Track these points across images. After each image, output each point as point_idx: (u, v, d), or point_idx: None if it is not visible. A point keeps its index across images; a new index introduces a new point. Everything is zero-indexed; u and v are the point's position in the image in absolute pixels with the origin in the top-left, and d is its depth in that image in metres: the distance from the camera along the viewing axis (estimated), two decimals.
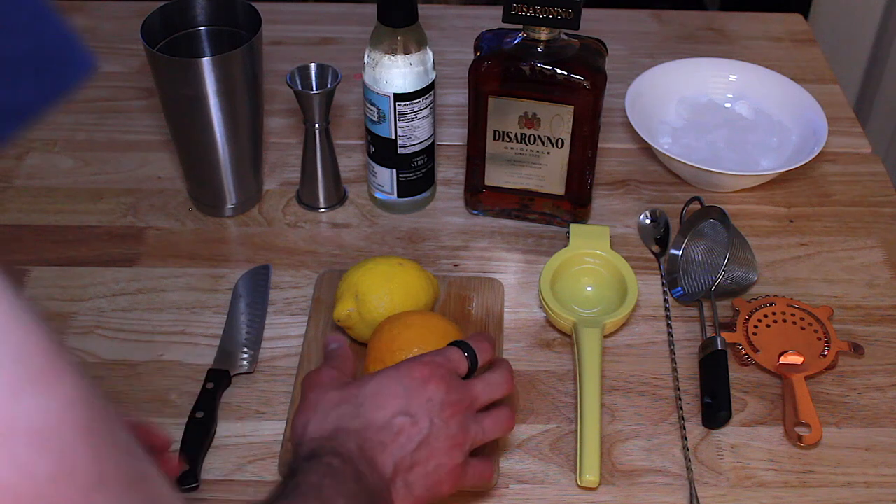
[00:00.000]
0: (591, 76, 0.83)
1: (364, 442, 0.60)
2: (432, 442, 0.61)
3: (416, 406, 0.61)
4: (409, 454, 0.60)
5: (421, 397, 0.62)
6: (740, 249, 0.86)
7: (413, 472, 0.61)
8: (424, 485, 0.61)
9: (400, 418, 0.61)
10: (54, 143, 1.03)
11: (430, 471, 0.61)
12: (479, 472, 0.65)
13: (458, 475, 0.63)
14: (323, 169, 0.92)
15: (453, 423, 0.62)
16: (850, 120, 1.08)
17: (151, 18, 0.85)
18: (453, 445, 0.62)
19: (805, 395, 0.76)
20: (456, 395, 0.63)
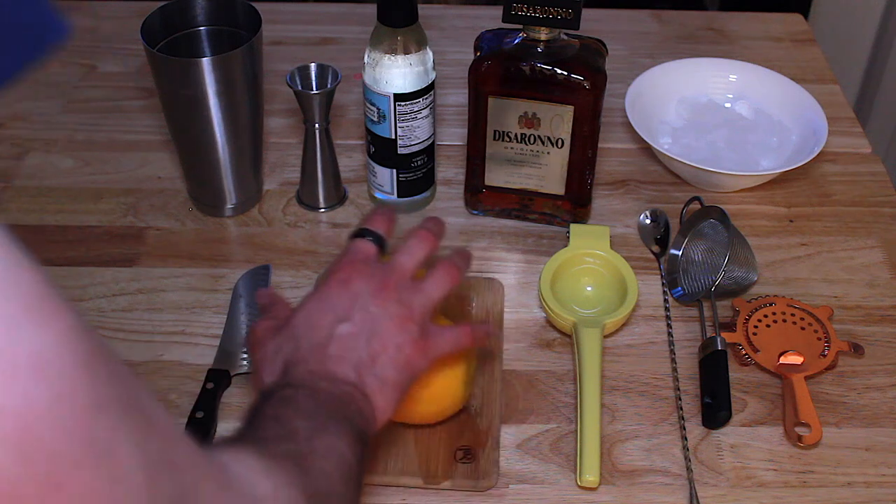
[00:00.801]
0: (591, 76, 0.83)
1: (314, 364, 0.59)
2: (379, 330, 0.60)
3: (347, 308, 0.60)
4: (364, 351, 0.59)
5: (348, 299, 0.61)
6: (740, 249, 0.86)
7: (377, 364, 0.59)
8: (395, 369, 0.60)
9: (339, 327, 0.60)
10: (54, 143, 1.03)
11: (393, 355, 0.60)
12: (453, 338, 0.64)
13: (424, 347, 0.61)
14: (323, 169, 0.92)
15: (390, 304, 0.61)
16: (850, 120, 1.08)
17: (151, 18, 0.86)
18: (402, 323, 0.61)
19: (805, 395, 0.76)
20: (379, 278, 0.62)
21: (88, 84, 1.12)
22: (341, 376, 0.58)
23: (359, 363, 0.59)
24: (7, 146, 1.03)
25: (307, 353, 0.59)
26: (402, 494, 0.71)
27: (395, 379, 0.60)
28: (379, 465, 0.72)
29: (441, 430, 0.74)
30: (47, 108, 1.08)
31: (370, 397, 0.59)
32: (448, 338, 0.63)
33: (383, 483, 0.71)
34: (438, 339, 0.63)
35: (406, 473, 0.71)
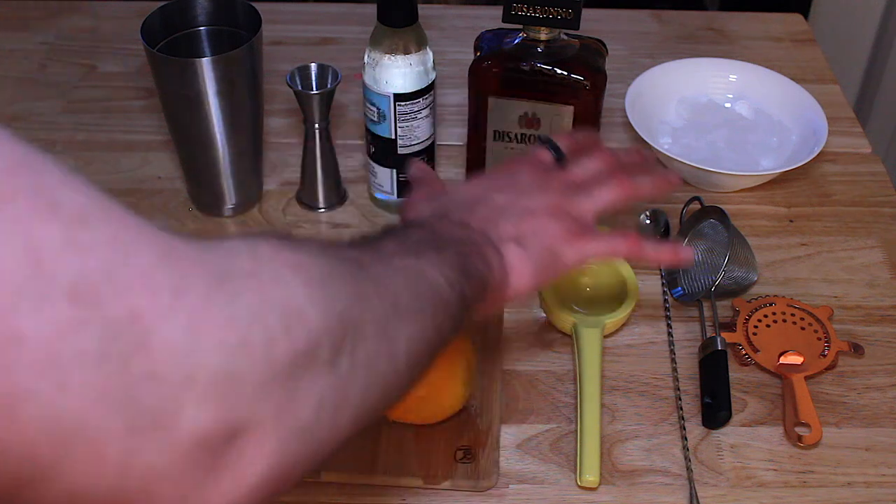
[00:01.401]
0: (591, 76, 0.83)
1: (455, 215, 0.58)
2: (533, 209, 0.59)
3: (506, 186, 0.60)
4: (511, 220, 0.58)
5: (509, 181, 0.60)
6: (740, 249, 0.86)
7: (521, 233, 0.58)
8: (539, 246, 0.58)
9: (492, 195, 0.59)
10: (54, 143, 1.03)
11: (541, 234, 0.58)
12: (610, 243, 0.62)
13: (576, 241, 0.60)
14: (323, 169, 0.92)
15: (552, 192, 0.60)
16: (850, 120, 1.08)
17: (151, 18, 0.85)
18: (556, 208, 0.60)
19: (805, 395, 0.76)
20: (545, 174, 0.61)
21: (88, 84, 1.12)
22: (473, 223, 0.57)
23: (502, 225, 0.58)
24: None
25: (453, 208, 0.58)
26: (402, 494, 0.71)
27: (538, 252, 0.58)
28: (379, 465, 0.72)
29: (441, 430, 0.74)
30: (47, 108, 1.08)
31: (504, 254, 0.57)
32: (604, 241, 0.62)
33: (383, 483, 0.71)
34: (593, 240, 0.61)
35: (406, 473, 0.71)
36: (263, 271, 0.37)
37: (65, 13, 1.23)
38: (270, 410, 0.36)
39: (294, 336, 0.37)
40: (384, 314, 0.43)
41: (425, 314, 0.48)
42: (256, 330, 0.35)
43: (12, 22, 1.21)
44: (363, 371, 0.41)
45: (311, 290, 0.38)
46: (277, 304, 0.37)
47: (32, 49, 1.17)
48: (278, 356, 0.36)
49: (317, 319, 0.38)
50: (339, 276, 0.41)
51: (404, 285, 0.47)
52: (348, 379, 0.40)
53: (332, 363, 0.39)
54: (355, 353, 0.40)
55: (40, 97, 1.09)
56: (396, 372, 0.44)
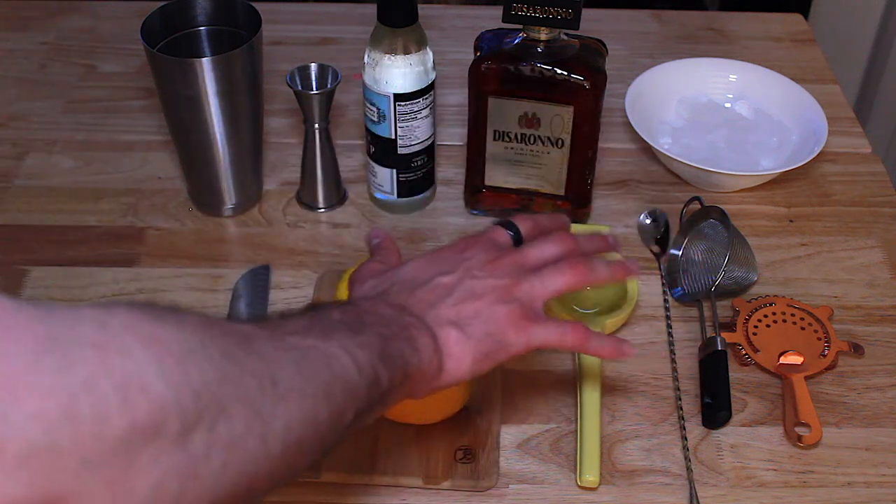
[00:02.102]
0: (591, 76, 0.83)
1: (391, 292, 0.57)
2: (478, 293, 0.57)
3: (454, 265, 0.58)
4: (452, 301, 0.56)
5: (458, 260, 0.59)
6: (740, 249, 0.86)
7: (462, 317, 0.56)
8: (481, 331, 0.56)
9: (437, 277, 0.57)
10: (54, 143, 1.03)
11: (485, 318, 0.56)
12: (559, 332, 0.59)
13: (523, 326, 0.57)
14: (323, 169, 0.92)
15: (500, 273, 0.58)
16: (850, 120, 1.08)
17: (151, 18, 0.86)
18: (502, 291, 0.57)
19: (805, 395, 0.76)
20: (497, 253, 0.59)
21: (88, 84, 1.12)
22: (409, 306, 0.55)
23: (442, 308, 0.56)
24: (7, 146, 1.03)
25: (396, 287, 0.57)
26: (402, 494, 0.71)
27: (479, 337, 0.56)
28: (379, 465, 0.72)
29: (441, 430, 0.74)
30: (47, 108, 1.08)
31: (440, 339, 0.55)
32: (553, 329, 0.59)
33: (383, 483, 0.71)
34: (540, 327, 0.58)
35: (406, 473, 0.71)
36: (109, 343, 0.36)
37: (65, 13, 1.23)
38: (100, 485, 0.34)
39: (132, 408, 0.35)
40: (258, 393, 0.41)
41: (315, 397, 0.45)
42: (86, 401, 0.34)
43: (12, 22, 1.21)
44: (223, 450, 0.39)
45: (163, 365, 0.37)
46: (117, 375, 0.35)
47: (32, 49, 1.17)
48: (111, 429, 0.34)
49: (164, 393, 0.36)
50: (205, 353, 0.39)
51: (293, 365, 0.44)
52: (202, 457, 0.38)
53: (181, 440, 0.37)
54: (215, 431, 0.38)
55: (40, 97, 1.09)
56: (269, 454, 0.42)
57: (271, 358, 0.44)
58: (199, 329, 0.40)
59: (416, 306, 0.56)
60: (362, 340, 0.50)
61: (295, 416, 0.43)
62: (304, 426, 0.44)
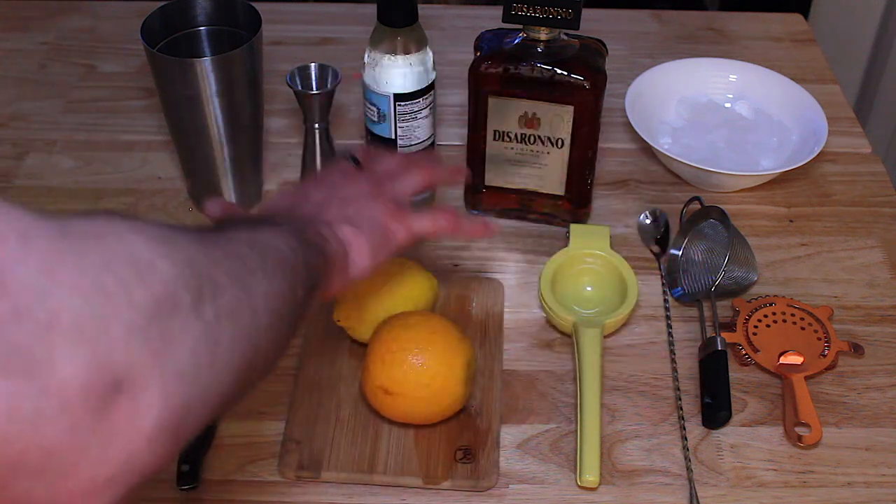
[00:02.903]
0: (591, 76, 0.83)
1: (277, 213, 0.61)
2: (352, 198, 0.63)
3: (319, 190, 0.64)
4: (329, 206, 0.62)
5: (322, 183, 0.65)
6: (740, 249, 0.86)
7: (347, 213, 0.61)
8: (370, 226, 0.62)
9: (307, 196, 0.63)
10: (54, 143, 1.03)
11: (365, 212, 0.63)
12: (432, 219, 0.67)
13: (402, 217, 0.64)
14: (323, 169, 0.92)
15: (362, 182, 0.65)
16: (850, 120, 1.08)
17: (151, 18, 0.85)
18: (372, 192, 0.64)
19: (805, 395, 0.76)
20: (352, 173, 0.67)
21: (88, 84, 1.12)
22: (304, 217, 0.60)
23: (329, 211, 0.61)
24: (7, 146, 1.03)
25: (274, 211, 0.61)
26: (402, 494, 0.71)
27: (369, 228, 0.62)
28: (379, 465, 0.72)
29: (441, 430, 0.74)
30: (47, 108, 1.08)
31: (339, 231, 0.60)
32: (427, 218, 0.67)
33: (383, 483, 0.71)
34: (417, 217, 0.66)
35: (406, 473, 0.71)
36: (103, 232, 0.37)
37: (65, 13, 1.23)
38: (147, 354, 0.35)
39: (149, 283, 0.37)
40: (236, 270, 0.44)
41: (274, 273, 0.48)
42: (109, 277, 0.35)
43: (12, 22, 1.21)
44: (228, 320, 0.41)
45: (154, 246, 0.38)
46: (125, 257, 0.37)
47: (32, 49, 1.17)
48: (139, 301, 0.36)
49: (170, 269, 0.38)
50: (183, 239, 0.41)
51: (248, 250, 0.47)
52: (216, 326, 0.40)
53: (196, 310, 0.39)
54: (217, 301, 0.40)
55: (40, 97, 1.09)
56: (258, 326, 0.44)
57: (228, 245, 0.46)
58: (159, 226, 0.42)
59: (307, 216, 0.60)
60: (285, 230, 0.53)
61: (268, 288, 0.46)
62: (277, 300, 0.47)
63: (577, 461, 0.71)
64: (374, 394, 0.72)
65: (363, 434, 0.74)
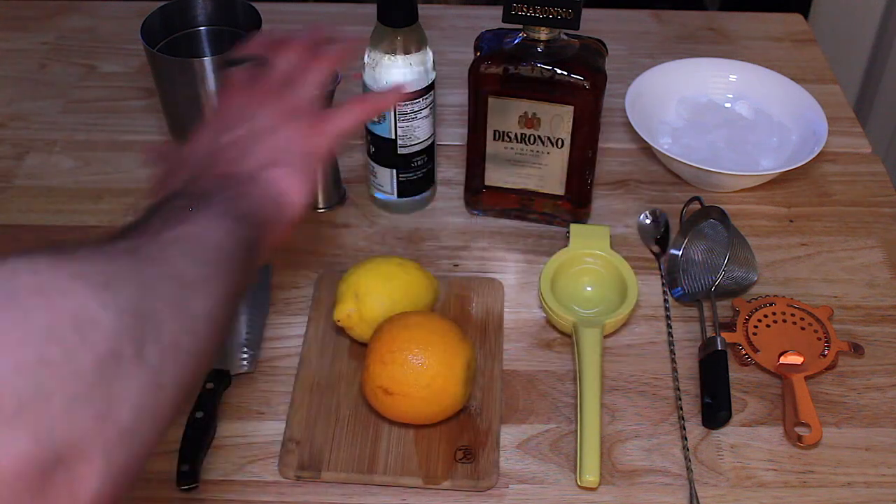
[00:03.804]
0: (591, 76, 0.83)
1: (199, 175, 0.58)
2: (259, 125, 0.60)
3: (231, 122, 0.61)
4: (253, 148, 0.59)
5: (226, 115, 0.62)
6: (740, 249, 0.86)
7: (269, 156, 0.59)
8: (294, 154, 0.60)
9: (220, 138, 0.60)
10: (54, 143, 1.03)
11: (284, 143, 0.60)
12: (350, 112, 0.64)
13: (320, 127, 0.62)
14: (323, 169, 0.92)
15: (268, 102, 0.62)
16: (850, 120, 1.08)
17: (151, 18, 0.86)
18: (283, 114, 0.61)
19: (805, 395, 0.76)
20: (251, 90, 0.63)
21: (88, 84, 1.12)
22: (230, 171, 0.58)
23: (250, 158, 0.59)
24: (7, 146, 1.03)
25: (198, 171, 0.59)
26: (402, 494, 0.71)
27: (297, 164, 0.60)
28: (379, 465, 0.72)
29: (441, 430, 0.74)
30: (47, 108, 1.08)
31: (265, 183, 0.57)
32: (343, 115, 0.64)
33: (383, 483, 0.71)
34: (333, 121, 0.63)
35: (406, 473, 0.71)
36: (48, 286, 0.37)
37: (65, 13, 1.23)
38: (89, 422, 0.35)
39: (93, 343, 0.36)
40: (173, 293, 0.43)
41: (215, 277, 0.48)
42: (53, 347, 0.35)
43: (12, 22, 1.21)
44: (171, 355, 0.41)
45: (98, 295, 0.38)
46: (68, 315, 0.36)
47: (32, 49, 1.17)
48: (82, 367, 0.35)
49: (111, 321, 0.38)
50: (121, 274, 0.41)
51: (183, 257, 0.46)
52: (159, 367, 0.40)
53: (139, 358, 0.38)
54: (159, 340, 0.40)
55: (40, 97, 1.09)
56: (199, 343, 0.44)
57: (166, 260, 0.45)
58: (99, 257, 0.42)
59: (226, 169, 0.58)
60: (215, 210, 0.52)
61: (207, 301, 0.46)
62: (216, 307, 0.47)
63: (577, 461, 0.71)
64: (374, 394, 0.72)
65: (363, 434, 0.74)
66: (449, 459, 0.72)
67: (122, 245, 0.45)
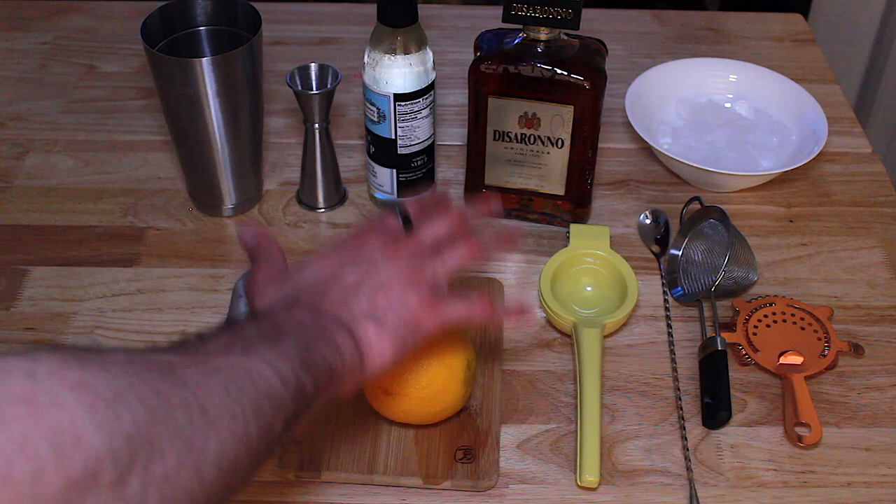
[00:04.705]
0: (591, 76, 0.83)
1: (301, 298, 0.56)
2: (385, 282, 0.58)
3: (355, 259, 0.59)
4: (365, 297, 0.57)
5: (357, 253, 0.60)
6: (740, 249, 0.86)
7: (377, 309, 0.57)
8: (396, 318, 0.57)
9: (343, 272, 0.58)
10: (54, 143, 1.03)
11: (398, 306, 0.57)
12: (467, 307, 0.61)
13: (434, 308, 0.59)
14: (323, 169, 0.92)
15: (401, 261, 0.59)
16: (850, 120, 1.08)
17: (151, 18, 0.86)
18: (412, 280, 0.59)
19: (805, 395, 0.76)
20: (394, 240, 0.61)
21: (88, 84, 1.12)
22: (328, 309, 0.56)
23: (355, 304, 0.56)
24: (7, 146, 1.03)
25: (304, 291, 0.57)
26: (402, 494, 0.71)
27: (396, 326, 0.57)
28: (379, 465, 0.72)
29: (441, 430, 0.74)
30: (47, 108, 1.08)
31: (358, 335, 0.56)
32: (462, 306, 0.61)
33: (383, 483, 0.71)
34: (451, 305, 0.60)
35: (406, 473, 0.71)
36: (39, 395, 0.35)
37: (65, 13, 1.23)
38: None
39: (68, 463, 0.35)
40: (189, 425, 0.41)
41: (245, 417, 0.45)
42: (21, 463, 0.33)
43: (12, 22, 1.22)
44: (159, 489, 0.39)
45: (94, 412, 0.36)
46: (50, 429, 0.35)
47: (32, 49, 1.17)
48: (48, 487, 0.34)
49: (98, 442, 0.36)
50: (134, 393, 0.39)
51: (220, 388, 0.44)
52: (139, 500, 0.38)
53: (117, 486, 0.36)
54: (150, 470, 0.38)
55: (40, 97, 1.09)
56: (203, 482, 0.42)
57: (198, 385, 0.43)
58: (124, 368, 0.40)
59: (329, 307, 0.56)
60: (283, 351, 0.50)
61: (227, 440, 0.43)
62: (236, 448, 0.44)
63: (577, 461, 0.71)
64: (374, 394, 0.72)
65: (363, 434, 0.74)
66: (449, 459, 0.72)
67: (161, 358, 0.43)
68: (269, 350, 0.49)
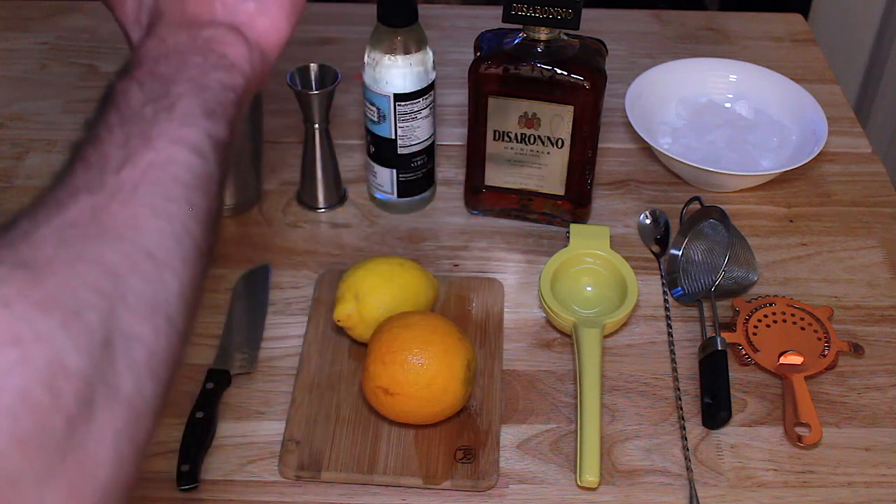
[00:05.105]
0: (591, 76, 0.83)
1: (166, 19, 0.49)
2: None
3: None
4: None
5: None
6: (740, 249, 0.86)
7: None
8: None
9: None
10: (54, 144, 1.03)
11: None
12: None
13: None
14: (323, 169, 0.92)
15: None
16: (850, 120, 1.08)
17: None
18: None
19: (805, 395, 0.76)
20: None
21: (88, 84, 1.12)
22: (198, 13, 0.49)
23: None
24: (7, 146, 1.03)
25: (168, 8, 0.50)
26: (402, 494, 0.71)
27: None
28: (379, 465, 0.72)
29: (441, 430, 0.74)
30: (47, 108, 1.08)
31: (243, 25, 0.49)
32: None
33: (383, 483, 0.71)
34: None
35: (406, 473, 0.71)
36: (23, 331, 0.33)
37: (65, 13, 1.23)
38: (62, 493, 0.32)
39: (64, 401, 0.33)
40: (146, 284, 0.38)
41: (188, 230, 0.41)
42: (26, 416, 0.31)
43: (12, 22, 1.21)
44: (147, 369, 0.37)
45: (69, 332, 0.34)
46: (42, 368, 0.32)
47: (32, 49, 1.17)
48: (53, 435, 0.32)
49: (82, 366, 0.33)
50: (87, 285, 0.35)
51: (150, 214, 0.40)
52: (135, 392, 0.36)
53: (111, 393, 0.35)
54: (131, 357, 0.36)
55: (40, 97, 1.09)
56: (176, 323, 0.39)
57: (128, 226, 0.39)
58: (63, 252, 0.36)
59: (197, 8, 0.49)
60: (184, 117, 0.43)
61: (182, 270, 0.40)
62: (194, 266, 0.41)
63: (577, 461, 0.71)
64: (374, 394, 0.72)
65: (363, 434, 0.74)
66: (449, 459, 0.72)
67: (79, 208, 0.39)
68: (170, 124, 0.43)
